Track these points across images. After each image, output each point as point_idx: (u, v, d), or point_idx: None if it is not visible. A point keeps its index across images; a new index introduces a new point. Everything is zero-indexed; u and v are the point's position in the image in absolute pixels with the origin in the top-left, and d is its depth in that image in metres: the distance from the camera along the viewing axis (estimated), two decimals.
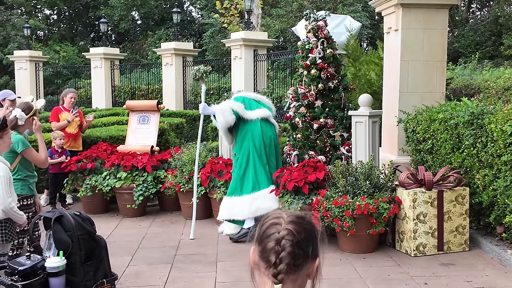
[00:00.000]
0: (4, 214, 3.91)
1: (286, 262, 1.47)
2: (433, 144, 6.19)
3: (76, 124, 7.99)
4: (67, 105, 8.08)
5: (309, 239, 1.52)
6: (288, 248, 1.47)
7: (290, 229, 1.49)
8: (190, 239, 6.15)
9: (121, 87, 17.96)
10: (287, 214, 1.55)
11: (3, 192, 3.84)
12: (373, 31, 22.76)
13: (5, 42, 25.97)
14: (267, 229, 1.53)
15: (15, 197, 4.10)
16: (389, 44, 7.42)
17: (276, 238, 1.49)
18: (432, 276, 4.89)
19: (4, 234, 3.95)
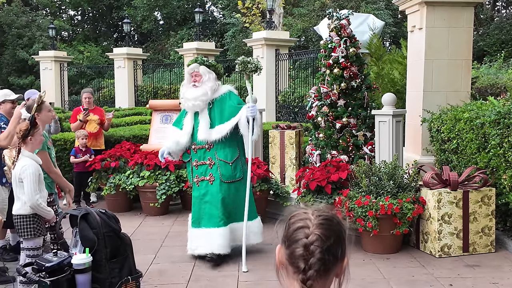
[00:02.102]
0: (31, 210, 4.00)
1: (316, 268, 1.43)
2: (458, 144, 6.10)
3: (95, 123, 8.07)
4: (85, 105, 8.19)
5: (338, 242, 1.49)
6: (318, 254, 1.43)
7: (319, 234, 1.45)
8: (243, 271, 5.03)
9: (143, 87, 18.12)
10: (315, 215, 1.50)
11: (31, 189, 3.94)
12: (396, 29, 22.54)
13: (30, 43, 26.44)
14: (294, 233, 1.48)
15: (45, 193, 4.19)
16: (413, 43, 7.34)
17: (305, 244, 1.45)
18: (457, 277, 4.82)
19: (33, 229, 4.06)
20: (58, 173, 4.75)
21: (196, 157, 5.35)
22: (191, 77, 5.37)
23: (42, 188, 4.13)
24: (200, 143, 5.30)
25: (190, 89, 5.30)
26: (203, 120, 5.29)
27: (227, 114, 5.29)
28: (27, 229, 4.05)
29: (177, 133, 5.40)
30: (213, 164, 5.26)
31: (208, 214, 5.20)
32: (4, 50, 27.47)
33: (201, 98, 5.24)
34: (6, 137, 4.85)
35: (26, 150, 4.06)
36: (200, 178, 5.29)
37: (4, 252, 5.56)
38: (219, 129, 5.26)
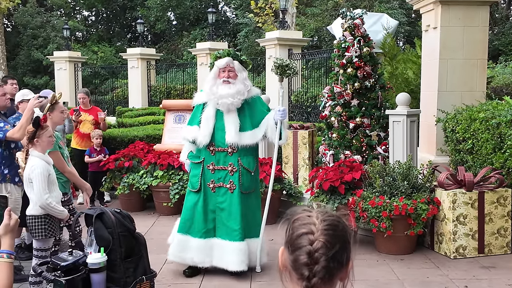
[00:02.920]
0: (43, 210, 4.02)
1: (320, 276, 1.41)
2: (473, 144, 6.04)
3: (90, 123, 8.07)
4: (83, 106, 8.25)
5: (344, 248, 1.45)
6: (323, 262, 1.40)
7: (324, 241, 1.41)
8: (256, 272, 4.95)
9: (157, 87, 18.19)
10: (319, 219, 1.46)
11: (40, 188, 3.95)
12: (410, 28, 22.39)
13: (45, 43, 26.68)
14: (298, 239, 1.44)
15: (57, 193, 4.20)
16: (428, 42, 7.28)
17: (309, 251, 1.41)
18: (472, 279, 4.78)
19: (44, 229, 4.06)
20: (72, 172, 4.77)
21: (213, 160, 4.82)
22: (223, 72, 4.82)
23: (54, 188, 4.14)
24: (222, 145, 4.79)
25: (221, 85, 4.76)
26: (231, 122, 4.78)
27: (258, 119, 4.88)
28: (38, 230, 4.06)
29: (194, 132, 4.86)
30: (235, 171, 4.78)
31: (225, 226, 4.74)
32: (19, 51, 27.75)
33: (238, 97, 4.75)
34: (18, 130, 4.87)
35: (36, 150, 4.07)
36: (217, 184, 4.81)
37: (20, 251, 5.61)
38: (252, 134, 4.81)
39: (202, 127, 4.81)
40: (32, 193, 4.02)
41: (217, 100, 4.74)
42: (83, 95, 8.31)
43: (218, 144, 4.81)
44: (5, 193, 4.85)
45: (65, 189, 4.66)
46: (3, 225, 2.23)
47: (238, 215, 4.72)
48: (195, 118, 4.94)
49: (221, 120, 4.81)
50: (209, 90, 4.81)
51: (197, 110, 4.96)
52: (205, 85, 4.88)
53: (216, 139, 4.80)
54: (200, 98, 4.95)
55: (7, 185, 5.06)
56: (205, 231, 4.79)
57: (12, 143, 5.09)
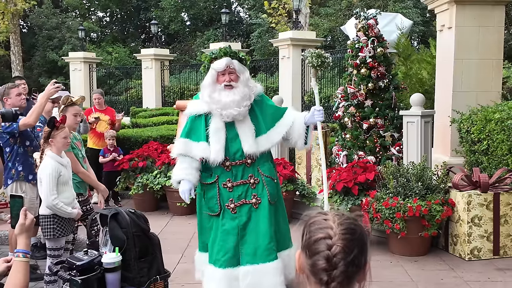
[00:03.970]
0: (51, 210, 4.06)
1: (339, 281, 1.41)
2: (488, 145, 5.98)
3: (106, 124, 8.16)
4: (98, 106, 8.33)
5: (361, 252, 1.44)
6: (341, 267, 1.40)
7: (342, 246, 1.41)
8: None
9: (170, 87, 18.27)
10: (336, 222, 1.45)
11: (47, 189, 3.99)
12: (425, 28, 22.24)
13: (60, 44, 26.94)
14: (315, 244, 1.44)
15: (69, 194, 4.21)
16: (442, 42, 7.23)
17: (327, 256, 1.41)
18: (487, 281, 4.74)
19: (53, 229, 4.10)
20: (86, 173, 4.79)
21: (229, 176, 4.12)
22: (222, 76, 4.12)
23: (66, 189, 4.17)
24: (239, 158, 4.12)
25: (222, 91, 4.08)
26: (246, 129, 4.14)
27: (271, 117, 4.28)
28: (48, 229, 4.10)
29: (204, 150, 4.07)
30: (257, 182, 4.14)
31: (253, 247, 4.04)
32: (35, 52, 28.05)
33: (244, 104, 4.07)
34: (30, 115, 4.90)
35: (50, 151, 4.11)
36: (238, 203, 4.10)
37: (35, 250, 5.68)
38: (267, 137, 4.19)
39: (212, 142, 4.07)
40: (41, 192, 4.07)
41: (220, 110, 4.04)
42: (98, 96, 8.40)
43: (234, 157, 4.12)
44: (20, 192, 4.91)
45: (79, 189, 4.69)
46: (19, 224, 2.27)
47: (267, 231, 4.06)
48: (198, 131, 4.14)
49: (232, 129, 4.14)
50: (209, 97, 4.09)
51: (198, 122, 4.16)
52: (203, 92, 4.17)
53: (230, 152, 4.11)
54: (199, 108, 4.18)
55: (22, 184, 5.12)
56: (225, 259, 4.05)
57: (27, 141, 5.15)
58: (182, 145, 4.13)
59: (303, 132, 4.29)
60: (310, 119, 4.29)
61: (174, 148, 4.20)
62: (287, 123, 4.27)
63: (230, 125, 4.13)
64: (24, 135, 5.15)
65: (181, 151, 4.13)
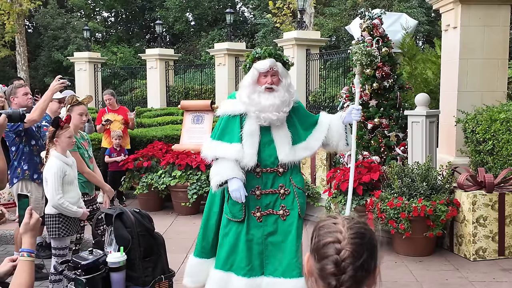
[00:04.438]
0: (56, 210, 4.08)
1: (347, 285, 1.40)
2: (494, 145, 5.97)
3: (120, 123, 8.17)
4: (110, 107, 8.34)
5: (371, 256, 1.43)
6: (350, 272, 1.39)
7: (351, 251, 1.40)
8: None
9: (175, 87, 18.32)
10: (345, 226, 1.44)
11: (52, 188, 4.01)
12: (430, 27, 22.19)
13: (65, 44, 27.04)
14: (324, 248, 1.43)
15: (74, 194, 4.23)
16: (447, 42, 7.21)
17: (336, 261, 1.40)
18: (492, 281, 4.73)
19: (58, 229, 4.11)
20: (91, 173, 4.79)
21: (259, 183, 3.93)
22: (264, 77, 3.89)
23: (71, 189, 4.18)
24: (271, 165, 3.91)
25: (262, 94, 3.84)
26: (283, 136, 3.92)
27: (308, 125, 4.06)
28: (53, 229, 4.12)
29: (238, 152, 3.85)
30: (288, 193, 3.92)
31: (277, 260, 3.87)
32: (40, 52, 28.16)
33: (283, 110, 3.86)
34: (35, 110, 4.92)
35: (55, 150, 4.12)
36: (265, 212, 3.91)
37: (41, 249, 5.70)
38: (306, 145, 3.98)
39: (246, 145, 3.85)
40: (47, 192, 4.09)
41: (258, 113, 3.82)
42: (109, 96, 8.40)
43: (266, 164, 3.91)
44: (25, 192, 4.93)
45: (85, 189, 4.69)
46: (23, 223, 2.27)
47: (294, 246, 3.83)
48: (232, 132, 3.92)
49: (267, 134, 3.92)
50: (248, 98, 3.87)
51: (233, 122, 3.94)
52: (241, 92, 3.95)
53: (262, 158, 3.90)
54: (235, 107, 3.97)
55: (28, 183, 5.14)
56: (249, 268, 3.90)
57: (33, 140, 5.17)
58: (215, 147, 3.92)
59: (343, 132, 4.06)
60: (347, 117, 4.07)
61: (205, 150, 3.98)
62: (324, 127, 4.03)
63: (265, 129, 3.92)
64: (30, 134, 5.17)
65: (214, 154, 3.91)
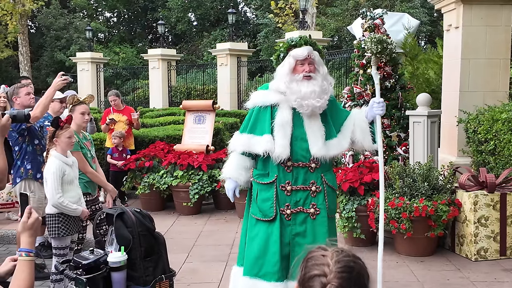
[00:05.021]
0: (57, 209, 4.08)
1: None
2: (495, 145, 5.96)
3: (124, 124, 8.18)
4: (115, 107, 8.35)
5: None
6: None
7: (337, 285, 1.36)
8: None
9: (177, 87, 18.34)
10: (333, 259, 1.41)
11: (52, 188, 4.02)
12: (432, 27, 22.18)
13: (68, 45, 27.11)
14: (309, 281, 1.40)
15: (74, 193, 4.22)
16: (449, 42, 7.21)
17: None
18: (494, 281, 4.72)
19: (58, 228, 4.12)
20: (94, 173, 4.80)
21: (289, 178, 3.68)
22: (301, 65, 3.71)
23: (71, 188, 4.18)
24: (302, 160, 3.68)
25: (300, 82, 3.65)
26: (316, 129, 3.69)
27: (340, 120, 3.85)
28: (53, 228, 4.12)
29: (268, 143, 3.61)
30: (319, 191, 3.69)
31: None
32: (43, 52, 28.23)
33: (324, 97, 3.66)
34: (37, 107, 4.95)
35: (55, 150, 4.13)
36: (295, 209, 3.67)
37: (43, 249, 5.71)
38: (338, 142, 3.74)
39: (278, 136, 3.62)
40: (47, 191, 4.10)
41: (300, 100, 3.60)
42: (114, 97, 8.42)
43: (298, 158, 3.67)
44: (28, 192, 4.95)
45: (87, 189, 4.70)
46: (21, 222, 2.24)
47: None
48: (263, 124, 3.71)
49: (299, 126, 3.70)
50: (287, 88, 3.66)
51: (264, 114, 3.72)
52: (278, 82, 3.74)
53: (294, 152, 3.66)
54: (267, 98, 3.74)
55: (31, 182, 5.16)
56: (279, 271, 3.64)
57: (36, 139, 5.19)
58: (246, 141, 3.70)
59: (367, 127, 3.77)
60: (370, 112, 3.75)
61: (233, 143, 3.76)
62: (350, 124, 3.81)
63: (298, 121, 3.68)
64: (33, 134, 5.19)
65: (244, 148, 3.71)
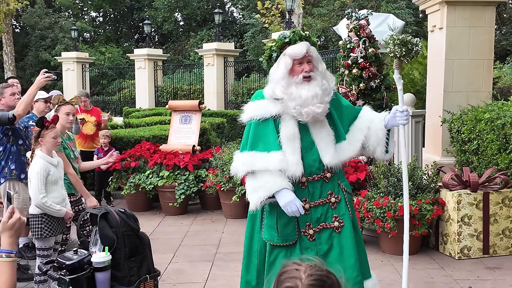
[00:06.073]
0: (40, 210, 4.05)
1: None
2: (479, 144, 6.04)
3: (92, 125, 8.10)
4: (83, 107, 8.27)
5: None
6: None
7: None
8: None
9: (164, 88, 18.28)
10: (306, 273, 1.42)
11: (35, 188, 3.98)
12: (417, 28, 22.35)
13: (53, 44, 26.88)
14: None
15: (58, 194, 4.18)
16: (434, 43, 7.28)
17: None
18: (477, 279, 4.78)
19: (41, 229, 4.08)
20: (75, 176, 4.70)
21: (306, 195, 3.25)
22: (299, 65, 3.24)
23: (55, 189, 4.15)
24: (316, 172, 3.26)
25: (300, 85, 3.20)
26: (324, 135, 3.27)
27: (349, 118, 3.45)
28: (36, 229, 4.08)
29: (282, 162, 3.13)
30: (339, 201, 3.29)
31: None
32: (28, 52, 27.96)
33: (326, 100, 3.24)
34: (19, 105, 4.91)
35: (40, 150, 4.10)
36: (317, 228, 3.25)
37: (27, 250, 5.66)
38: (349, 143, 3.34)
39: (287, 151, 3.17)
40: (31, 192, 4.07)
41: (299, 107, 3.16)
42: (84, 98, 8.35)
43: (311, 171, 3.25)
44: (12, 192, 4.90)
45: (71, 189, 4.66)
46: (1, 222, 2.19)
47: (355, 261, 3.21)
48: (266, 138, 3.22)
49: (306, 135, 3.27)
50: (284, 93, 3.19)
51: (264, 127, 3.24)
52: (274, 88, 3.24)
53: (306, 165, 3.23)
54: (266, 109, 3.25)
55: (15, 183, 5.11)
56: None
57: (20, 139, 5.15)
58: (250, 159, 3.19)
59: (383, 137, 3.38)
60: (391, 121, 3.38)
61: (237, 164, 3.27)
62: (364, 126, 3.41)
63: (304, 131, 3.26)
64: (17, 134, 5.15)
65: (247, 168, 3.20)
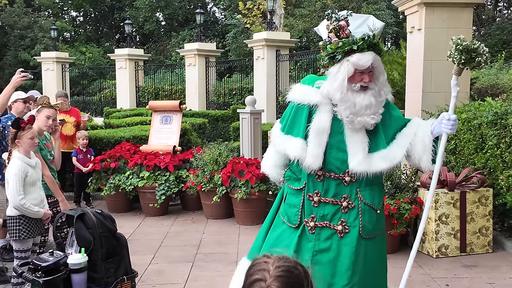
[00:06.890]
0: (18, 211, 4.00)
1: None
2: (456, 144, 6.12)
3: (71, 125, 8.01)
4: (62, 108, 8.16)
5: None
6: None
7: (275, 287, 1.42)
8: None
9: (145, 88, 18.18)
10: (274, 265, 1.47)
11: (13, 189, 3.93)
12: (398, 29, 22.58)
13: (32, 44, 26.54)
14: (250, 286, 1.45)
15: (36, 195, 4.13)
16: (412, 44, 7.36)
17: None
18: (454, 277, 4.84)
19: (19, 230, 4.02)
20: (51, 178, 4.64)
21: (319, 188, 3.20)
22: (360, 74, 3.16)
23: (33, 190, 4.10)
24: (336, 171, 3.17)
25: (357, 93, 3.12)
26: (358, 140, 3.14)
27: (395, 128, 3.25)
28: (14, 231, 4.03)
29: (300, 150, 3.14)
30: (352, 208, 3.18)
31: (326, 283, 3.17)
32: (6, 51, 27.57)
33: (379, 112, 3.15)
34: None
35: (18, 152, 4.05)
36: (320, 223, 3.19)
37: (4, 252, 5.59)
38: (387, 154, 3.16)
39: (311, 143, 3.13)
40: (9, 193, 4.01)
41: (353, 116, 3.09)
42: (63, 98, 8.24)
43: (331, 168, 3.17)
44: None
45: (48, 191, 4.61)
46: None
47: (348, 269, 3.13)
48: (298, 125, 3.21)
49: (337, 133, 3.17)
50: (341, 99, 3.11)
51: (300, 113, 3.22)
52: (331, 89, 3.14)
53: (327, 161, 3.17)
54: (307, 96, 3.24)
55: None
56: None
57: None
58: (282, 142, 3.26)
59: (430, 144, 3.19)
60: (437, 127, 3.18)
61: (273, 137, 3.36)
62: (410, 132, 3.23)
63: (337, 127, 3.17)
64: None
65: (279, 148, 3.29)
